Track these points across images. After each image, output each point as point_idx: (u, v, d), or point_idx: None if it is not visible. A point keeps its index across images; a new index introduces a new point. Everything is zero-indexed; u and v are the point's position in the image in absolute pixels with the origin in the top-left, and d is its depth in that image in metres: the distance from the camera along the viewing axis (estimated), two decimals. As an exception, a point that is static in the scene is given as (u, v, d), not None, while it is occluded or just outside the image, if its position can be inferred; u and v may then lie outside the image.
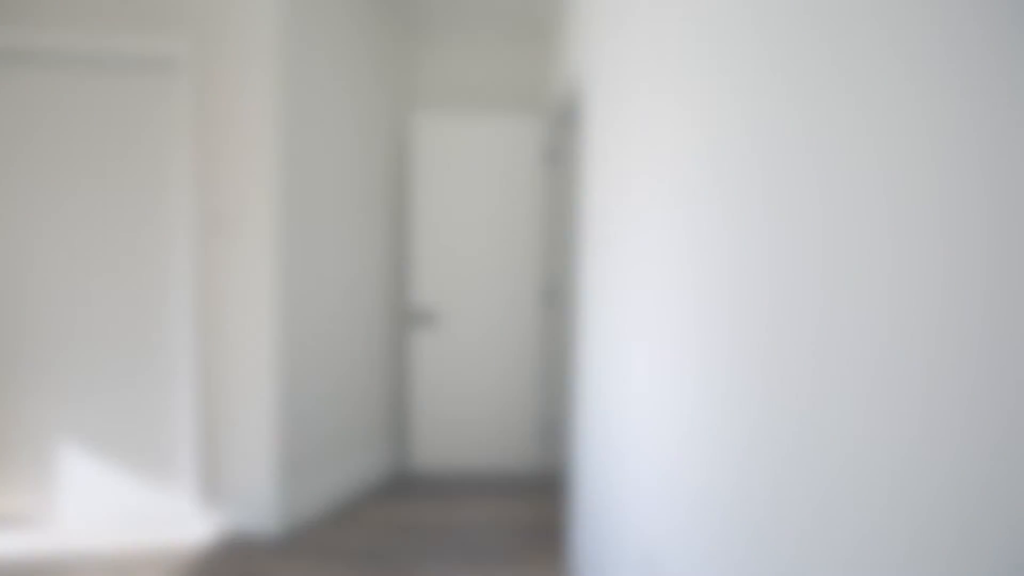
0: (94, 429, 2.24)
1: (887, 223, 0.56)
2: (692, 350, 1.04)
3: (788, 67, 0.74)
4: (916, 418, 0.52)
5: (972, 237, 0.45)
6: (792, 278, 0.74)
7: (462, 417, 2.86)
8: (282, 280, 2.19)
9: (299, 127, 2.24)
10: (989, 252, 0.43)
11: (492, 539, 2.22)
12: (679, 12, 1.11)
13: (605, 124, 1.76)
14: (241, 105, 2.13)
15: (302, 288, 2.30)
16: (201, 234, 2.16)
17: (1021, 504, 0.39)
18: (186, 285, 2.18)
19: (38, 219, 2.18)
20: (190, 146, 2.13)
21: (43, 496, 2.26)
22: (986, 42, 0.43)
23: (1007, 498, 0.41)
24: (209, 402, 2.22)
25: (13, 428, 2.23)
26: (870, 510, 0.57)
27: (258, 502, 2.22)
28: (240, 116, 2.14)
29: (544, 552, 2.14)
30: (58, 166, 2.17)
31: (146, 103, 2.17)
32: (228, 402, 2.21)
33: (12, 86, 2.14)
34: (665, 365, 1.18)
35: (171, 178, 2.18)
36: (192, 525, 2.25)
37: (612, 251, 1.66)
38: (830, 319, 0.66)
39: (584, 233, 2.02)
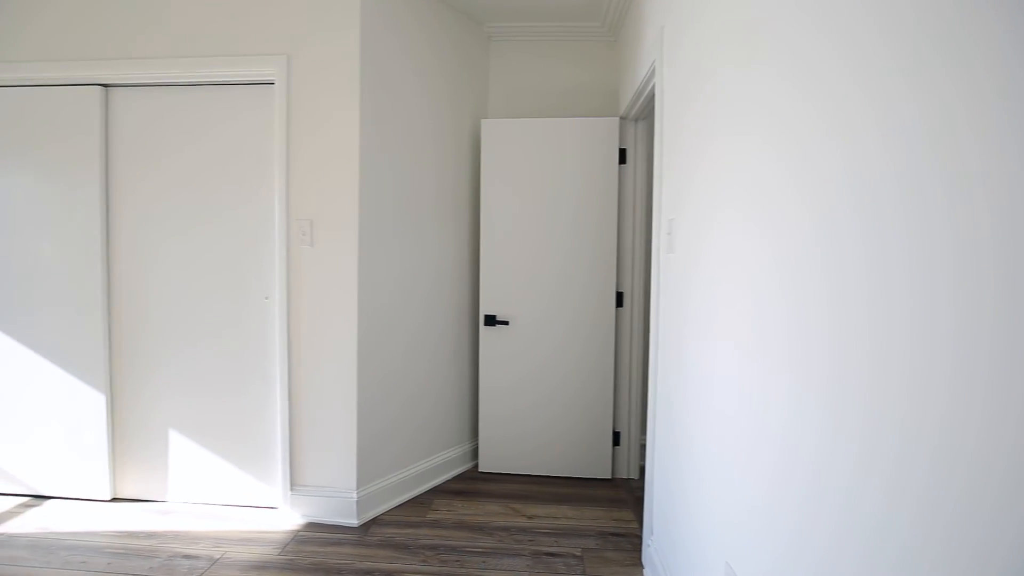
0: (200, 421, 2.46)
1: (1007, 220, 0.48)
2: (787, 356, 0.96)
3: (870, 74, 0.66)
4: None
5: None
6: (889, 279, 0.67)
7: (534, 420, 2.85)
8: (362, 285, 2.30)
9: (378, 139, 2.35)
10: None
11: (565, 544, 2.18)
12: (767, -8, 1.05)
13: (682, 119, 1.69)
14: (326, 121, 2.27)
15: (380, 293, 2.40)
16: (290, 242, 2.32)
17: None
18: (278, 290, 2.34)
19: (156, 228, 2.43)
20: (282, 159, 2.29)
21: (157, 478, 2.50)
22: None
23: None
24: (295, 401, 2.36)
25: (136, 418, 2.49)
26: (990, 526, 0.50)
27: (338, 496, 2.33)
28: (325, 131, 2.27)
29: (619, 562, 2.08)
30: (173, 179, 2.41)
31: (246, 122, 2.36)
32: (313, 401, 2.34)
33: (141, 111, 2.41)
34: (756, 371, 1.11)
35: (266, 190, 2.36)
36: (280, 513, 2.39)
37: (692, 252, 1.59)
38: (930, 322, 0.59)
39: (662, 234, 1.95)
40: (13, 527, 2.28)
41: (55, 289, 2.46)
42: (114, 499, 2.52)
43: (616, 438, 2.85)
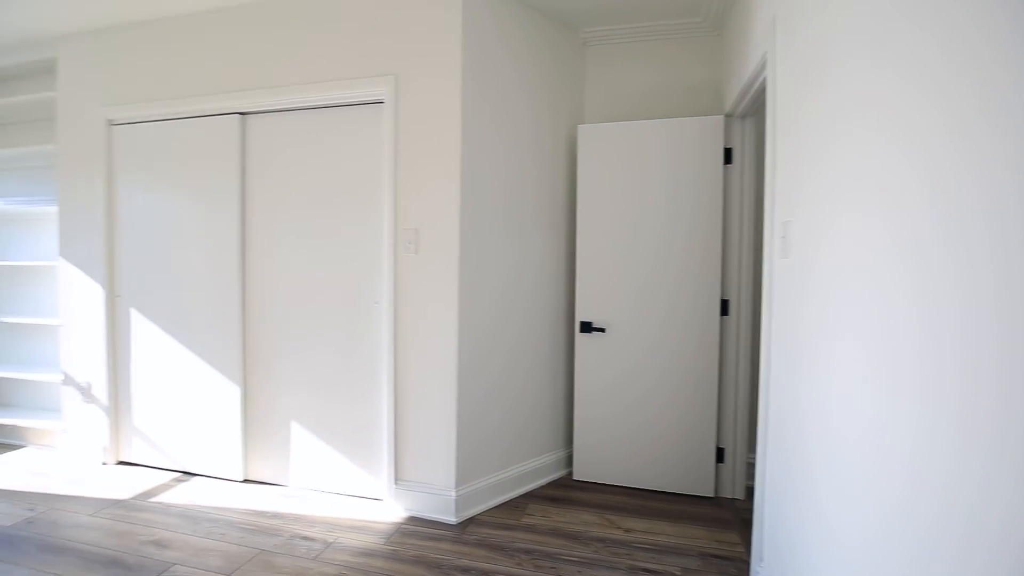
0: (316, 415, 2.68)
1: None
2: (919, 374, 0.85)
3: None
4: None
5: None
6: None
7: (631, 431, 2.77)
8: (462, 291, 2.38)
9: (479, 150, 2.43)
10: None
11: (664, 562, 2.09)
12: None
13: (797, 115, 1.56)
14: (431, 135, 2.39)
15: (480, 298, 2.47)
16: (397, 250, 2.46)
17: None
18: (386, 296, 2.49)
19: (279, 239, 2.70)
20: (390, 172, 2.45)
21: (280, 464, 2.77)
22: None
23: None
24: (401, 400, 2.49)
25: (264, 410, 2.78)
26: None
27: (438, 493, 2.42)
28: (430, 144, 2.40)
29: (722, 587, 1.95)
30: (295, 194, 2.67)
31: (359, 139, 2.56)
32: (416, 401, 2.47)
33: (269, 134, 2.71)
34: (882, 388, 0.99)
35: (376, 201, 2.53)
36: (385, 505, 2.54)
37: (809, 257, 1.46)
38: None
39: (775, 237, 1.82)
40: (168, 497, 2.63)
41: (203, 294, 2.82)
42: (245, 480, 2.82)
43: (720, 455, 2.68)
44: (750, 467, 2.68)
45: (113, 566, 2.04)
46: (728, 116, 2.62)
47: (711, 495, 2.67)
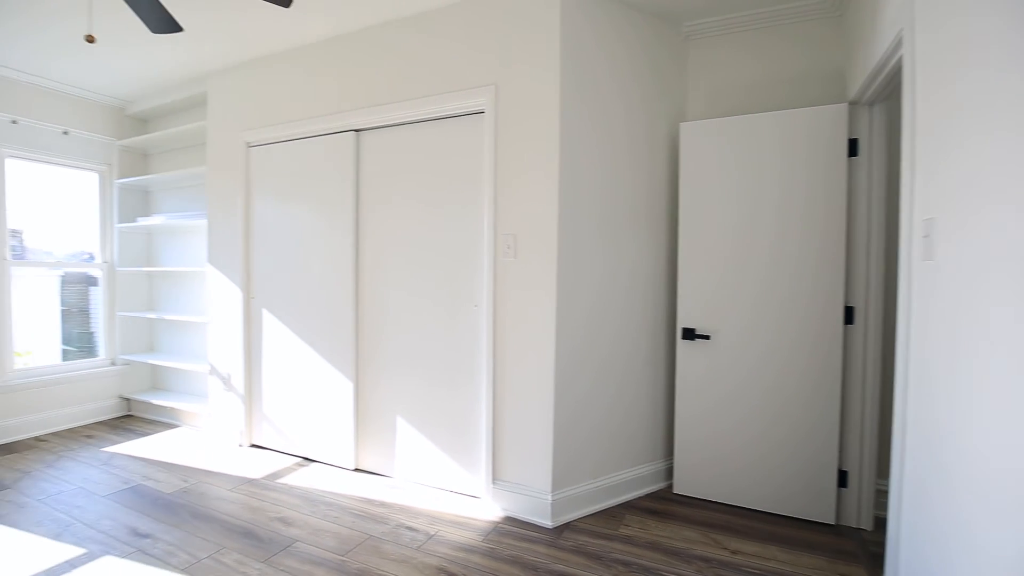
0: (419, 412, 2.83)
1: None
2: None
3: None
4: None
5: None
6: None
7: (738, 446, 2.59)
8: (560, 295, 2.38)
9: (577, 154, 2.42)
10: None
11: (775, 591, 1.93)
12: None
13: (942, 97, 1.37)
14: (530, 141, 2.43)
15: (578, 303, 2.46)
16: (496, 255, 2.52)
17: None
18: (485, 299, 2.57)
19: (387, 244, 2.89)
20: (490, 179, 2.52)
21: (387, 456, 2.95)
22: None
23: None
24: (499, 402, 2.55)
25: (373, 404, 2.99)
26: None
27: (534, 495, 2.44)
28: (529, 151, 2.44)
29: (847, 626, 1.75)
30: (400, 201, 2.84)
31: (459, 148, 2.66)
32: (514, 403, 2.51)
33: (379, 148, 2.91)
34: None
35: (476, 207, 2.62)
36: (482, 503, 2.61)
37: (958, 260, 1.27)
38: None
39: (915, 237, 1.61)
40: (291, 480, 2.91)
41: (321, 296, 3.09)
42: (356, 469, 3.04)
43: (842, 478, 2.42)
44: (880, 494, 2.39)
45: (248, 537, 2.30)
46: (853, 104, 2.37)
47: (832, 522, 2.41)
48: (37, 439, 3.57)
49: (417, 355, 2.81)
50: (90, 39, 2.08)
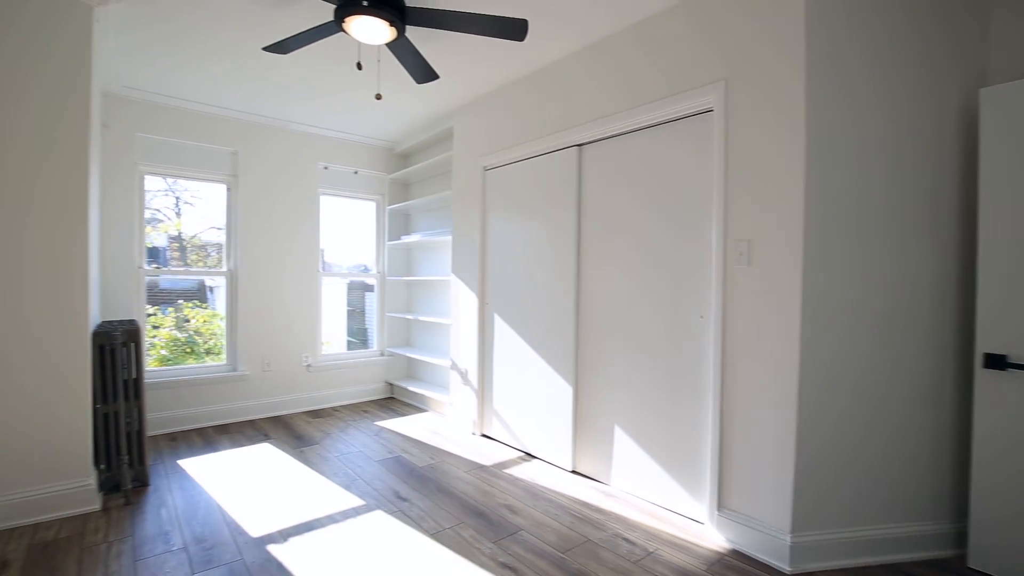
0: (637, 423, 2.78)
1: None
2: None
3: None
4: None
5: None
6: None
7: (1076, 520, 1.89)
8: (806, 309, 2.08)
9: (827, 150, 2.09)
10: None
11: None
12: None
13: None
14: (767, 138, 2.19)
15: (827, 318, 2.11)
16: (726, 262, 2.34)
17: None
18: (713, 310, 2.40)
19: (606, 252, 2.93)
20: (720, 182, 2.35)
21: (603, 463, 2.98)
22: None
23: None
24: (727, 422, 2.35)
25: (591, 410, 3.06)
26: None
27: (768, 533, 2.17)
28: (766, 149, 2.20)
29: None
30: (619, 210, 2.85)
31: (680, 153, 2.56)
32: (744, 425, 2.28)
33: (599, 160, 2.99)
34: None
35: (700, 212, 2.48)
36: (705, 529, 2.42)
37: None
38: None
39: None
40: (515, 472, 3.16)
41: (543, 304, 3.30)
42: (573, 471, 3.14)
43: None
44: None
45: (480, 517, 2.57)
46: None
47: None
48: (333, 408, 4.63)
49: (636, 365, 2.78)
50: (379, 97, 2.63)
